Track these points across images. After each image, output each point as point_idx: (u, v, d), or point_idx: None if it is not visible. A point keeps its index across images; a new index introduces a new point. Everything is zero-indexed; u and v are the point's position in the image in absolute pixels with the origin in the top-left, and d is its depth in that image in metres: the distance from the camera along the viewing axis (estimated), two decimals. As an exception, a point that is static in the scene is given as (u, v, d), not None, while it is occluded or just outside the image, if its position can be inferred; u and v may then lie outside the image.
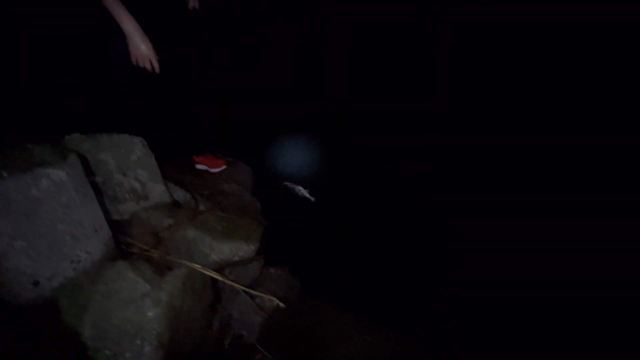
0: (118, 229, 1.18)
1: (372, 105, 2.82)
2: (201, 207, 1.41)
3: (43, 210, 0.85)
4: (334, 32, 3.27)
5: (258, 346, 1.22)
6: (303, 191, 2.19)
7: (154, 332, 0.81)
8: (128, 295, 0.82)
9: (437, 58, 3.10)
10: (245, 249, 1.18)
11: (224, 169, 1.83)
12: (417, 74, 3.06)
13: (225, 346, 1.25)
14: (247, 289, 1.13)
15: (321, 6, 3.20)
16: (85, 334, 0.80)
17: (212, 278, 1.08)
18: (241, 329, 1.27)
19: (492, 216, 1.96)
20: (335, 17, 3.25)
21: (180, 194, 1.44)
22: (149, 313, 0.81)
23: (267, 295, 1.13)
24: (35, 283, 0.86)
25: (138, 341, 0.80)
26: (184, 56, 1.67)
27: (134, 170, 1.25)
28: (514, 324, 1.49)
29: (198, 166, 1.86)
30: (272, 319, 1.27)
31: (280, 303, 1.13)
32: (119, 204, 1.23)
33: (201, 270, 1.06)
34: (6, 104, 1.32)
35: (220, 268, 1.18)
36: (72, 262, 0.92)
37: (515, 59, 2.84)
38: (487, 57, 2.94)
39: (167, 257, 1.08)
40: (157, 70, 1.24)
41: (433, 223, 2.02)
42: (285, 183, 2.21)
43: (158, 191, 1.31)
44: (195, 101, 1.78)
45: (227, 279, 1.10)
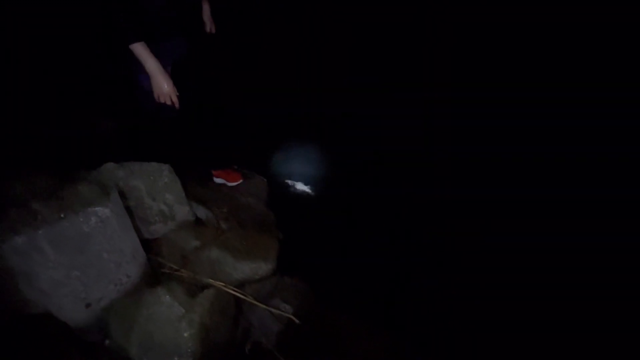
0: (150, 249, 1.33)
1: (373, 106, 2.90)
2: (222, 225, 1.55)
3: (92, 243, 1.00)
4: (334, 33, 3.33)
5: (275, 352, 1.37)
6: (303, 186, 2.32)
7: (189, 350, 0.95)
8: (166, 318, 0.97)
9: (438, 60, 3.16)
10: (264, 268, 1.32)
11: (240, 183, 1.96)
12: (418, 74, 3.12)
13: (246, 351, 1.41)
14: (267, 307, 1.26)
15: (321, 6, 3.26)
16: (133, 350, 0.95)
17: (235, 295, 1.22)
18: (260, 336, 1.42)
19: (496, 216, 2.05)
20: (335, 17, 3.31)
21: (202, 212, 1.58)
22: (185, 334, 0.95)
23: (285, 314, 1.26)
24: (88, 305, 1.01)
25: (176, 357, 0.94)
26: (203, 78, 1.79)
27: (162, 194, 1.39)
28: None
29: (216, 179, 1.99)
30: (288, 326, 1.42)
31: (296, 319, 1.26)
32: (150, 225, 1.38)
33: (226, 289, 1.20)
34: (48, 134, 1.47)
35: (241, 284, 1.32)
36: (115, 285, 1.07)
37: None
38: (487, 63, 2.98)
39: (195, 277, 1.23)
40: (176, 105, 1.36)
41: (443, 229, 2.11)
42: (287, 181, 2.34)
43: (183, 212, 1.45)
44: (211, 116, 1.91)
45: (249, 297, 1.24)
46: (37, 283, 0.91)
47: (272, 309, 1.25)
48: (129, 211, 1.27)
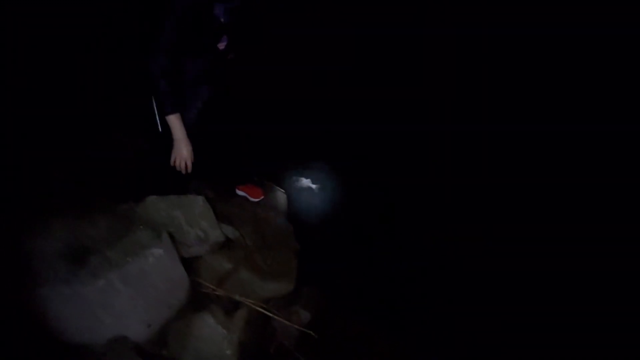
0: (189, 269, 1.58)
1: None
2: (248, 243, 1.80)
3: (151, 277, 1.25)
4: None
5: (295, 352, 1.65)
6: (307, 182, 2.54)
7: (231, 363, 1.22)
8: (211, 338, 1.23)
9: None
10: (286, 287, 1.58)
11: (261, 199, 2.18)
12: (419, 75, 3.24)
13: (270, 351, 1.69)
14: (291, 323, 1.52)
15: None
16: (187, 361, 1.23)
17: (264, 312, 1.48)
18: (282, 339, 1.70)
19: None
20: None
21: (229, 231, 1.82)
22: (227, 352, 1.22)
23: (305, 330, 1.52)
24: (149, 325, 1.28)
25: (221, 369, 1.22)
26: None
27: (198, 222, 1.62)
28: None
29: (238, 192, 2.21)
30: (307, 330, 1.68)
31: (314, 334, 1.52)
32: (188, 248, 1.62)
33: (255, 307, 1.46)
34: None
35: (267, 300, 1.58)
36: (168, 307, 1.33)
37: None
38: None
39: (229, 295, 1.48)
40: (189, 171, 1.53)
41: (453, 237, 2.31)
42: (293, 177, 2.55)
43: (215, 235, 1.68)
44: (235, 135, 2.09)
45: (276, 314, 1.50)
46: (112, 311, 1.18)
47: (295, 325, 1.50)
48: (171, 236, 1.51)
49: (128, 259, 1.18)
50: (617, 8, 2.59)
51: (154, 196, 1.58)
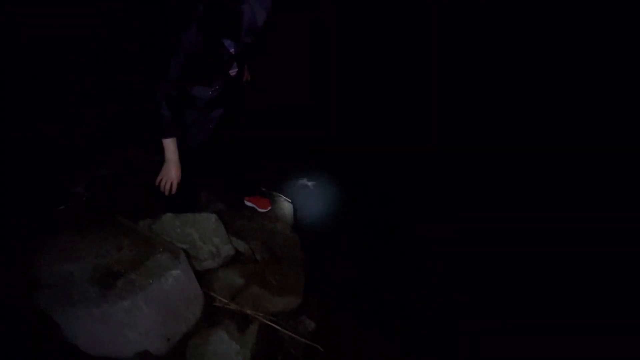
0: (202, 282, 1.69)
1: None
2: (258, 257, 1.90)
3: (170, 296, 1.36)
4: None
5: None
6: (306, 182, 2.64)
7: (245, 376, 1.34)
8: (226, 354, 1.34)
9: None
10: (294, 302, 1.69)
11: (269, 210, 2.29)
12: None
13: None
14: (299, 336, 1.63)
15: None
16: (205, 374, 1.34)
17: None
18: (290, 350, 1.82)
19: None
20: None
21: (240, 245, 1.93)
22: (242, 365, 1.33)
23: (312, 344, 1.63)
24: (168, 340, 1.39)
25: (236, 381, 1.33)
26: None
27: (211, 238, 1.73)
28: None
29: (247, 203, 2.32)
30: (314, 344, 1.79)
31: (320, 348, 1.63)
32: (201, 262, 1.73)
33: (266, 321, 1.57)
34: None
35: (276, 314, 1.69)
36: (185, 322, 1.44)
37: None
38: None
39: (241, 310, 1.60)
40: (173, 192, 1.57)
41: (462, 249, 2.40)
42: (296, 184, 2.64)
43: (226, 249, 1.79)
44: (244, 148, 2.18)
45: (285, 328, 1.61)
46: (136, 328, 1.29)
47: (302, 339, 1.61)
48: (185, 252, 1.61)
49: (150, 280, 1.28)
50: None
51: (170, 214, 1.68)
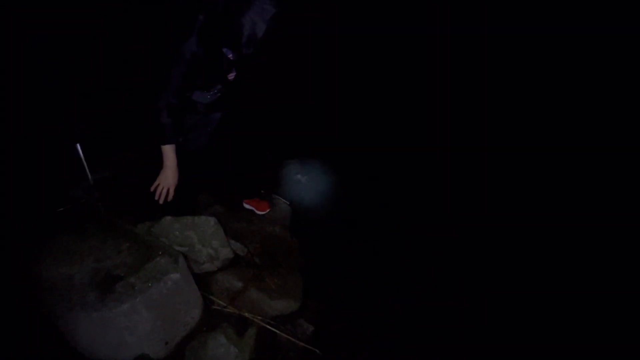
0: (201, 285, 1.71)
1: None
2: (256, 260, 1.92)
3: (169, 299, 1.37)
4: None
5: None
6: (305, 184, 2.66)
7: (243, 379, 1.35)
8: (225, 357, 1.36)
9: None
10: (293, 305, 1.71)
11: (268, 212, 2.30)
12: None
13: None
14: (297, 340, 1.65)
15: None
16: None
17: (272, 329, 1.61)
18: (288, 353, 1.84)
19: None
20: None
21: (238, 247, 1.94)
22: (240, 369, 1.35)
23: (311, 348, 1.65)
24: (166, 343, 1.41)
25: (234, 384, 1.35)
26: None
27: (210, 241, 1.74)
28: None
29: (246, 205, 2.33)
30: (311, 348, 1.81)
31: (318, 351, 1.65)
32: (200, 265, 1.75)
33: (265, 325, 1.59)
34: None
35: (274, 317, 1.71)
36: (184, 325, 1.46)
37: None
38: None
39: (240, 313, 1.61)
40: (169, 199, 1.58)
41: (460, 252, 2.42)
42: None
43: (225, 252, 1.81)
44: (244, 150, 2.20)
45: (283, 331, 1.63)
46: (135, 331, 1.30)
47: (300, 342, 1.63)
48: (184, 255, 1.63)
49: (149, 284, 1.30)
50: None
51: (169, 217, 1.70)
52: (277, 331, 1.62)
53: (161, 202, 1.58)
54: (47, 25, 2.30)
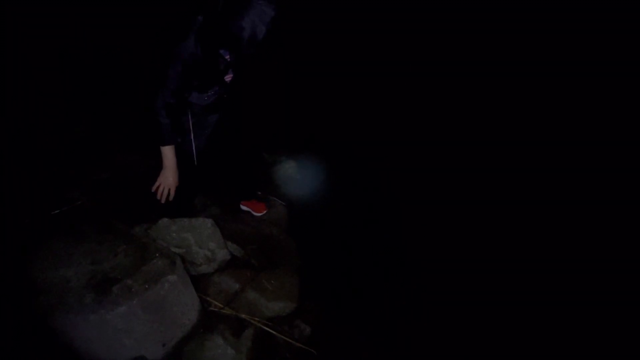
0: (198, 287, 1.72)
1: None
2: (253, 262, 1.93)
3: (166, 301, 1.38)
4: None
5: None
6: (303, 185, 2.68)
7: (240, 381, 1.37)
8: (222, 358, 1.37)
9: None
10: (290, 306, 1.72)
11: (264, 214, 2.32)
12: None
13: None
14: (293, 341, 1.67)
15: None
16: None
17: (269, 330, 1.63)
18: (285, 352, 1.85)
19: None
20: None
21: (235, 249, 1.96)
22: (237, 370, 1.36)
23: (308, 349, 1.67)
24: (164, 345, 1.42)
25: (231, 386, 1.36)
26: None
27: (207, 243, 1.75)
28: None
29: (242, 207, 2.35)
30: (308, 348, 1.82)
31: (314, 352, 1.67)
32: (197, 267, 1.76)
33: (262, 326, 1.61)
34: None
35: (271, 318, 1.72)
36: (181, 327, 1.47)
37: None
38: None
39: (237, 314, 1.62)
40: (170, 199, 1.60)
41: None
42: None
43: (222, 254, 1.82)
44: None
45: (280, 332, 1.64)
46: (132, 334, 1.31)
47: (297, 344, 1.65)
48: (181, 257, 1.64)
49: (146, 286, 1.31)
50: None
51: (166, 219, 1.71)
52: (274, 332, 1.63)
53: (162, 202, 1.59)
54: (47, 26, 2.30)
